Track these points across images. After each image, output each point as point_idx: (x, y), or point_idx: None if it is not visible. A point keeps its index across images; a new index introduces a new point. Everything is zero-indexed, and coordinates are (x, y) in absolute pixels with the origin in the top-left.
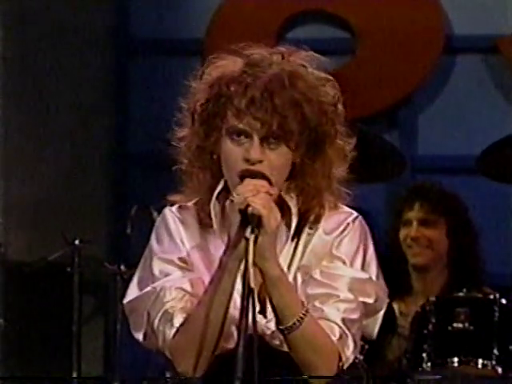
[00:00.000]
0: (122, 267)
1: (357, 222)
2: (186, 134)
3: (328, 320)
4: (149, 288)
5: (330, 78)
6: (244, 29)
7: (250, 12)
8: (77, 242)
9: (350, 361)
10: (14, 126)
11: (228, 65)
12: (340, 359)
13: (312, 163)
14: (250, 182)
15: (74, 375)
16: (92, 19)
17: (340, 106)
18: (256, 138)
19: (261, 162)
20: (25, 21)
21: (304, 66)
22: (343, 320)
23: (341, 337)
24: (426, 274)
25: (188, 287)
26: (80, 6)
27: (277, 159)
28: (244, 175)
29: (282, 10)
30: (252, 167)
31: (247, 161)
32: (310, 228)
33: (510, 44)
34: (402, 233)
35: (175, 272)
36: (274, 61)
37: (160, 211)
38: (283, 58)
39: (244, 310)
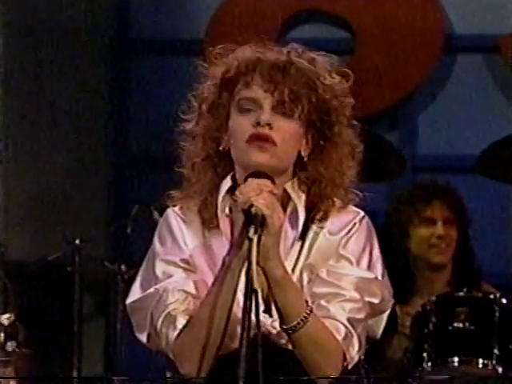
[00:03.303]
0: (123, 267)
1: (364, 221)
2: (191, 126)
3: (333, 319)
4: (152, 289)
5: (342, 69)
6: (244, 29)
7: (250, 12)
8: (77, 241)
9: (355, 361)
10: (14, 125)
11: (237, 52)
12: (345, 359)
13: (323, 153)
14: (253, 182)
15: (74, 375)
16: (92, 19)
17: (349, 98)
18: (266, 105)
19: (270, 126)
20: (25, 21)
21: (314, 59)
22: (349, 319)
23: (346, 336)
24: (437, 274)
25: (191, 289)
26: (80, 7)
27: (287, 127)
28: (252, 139)
29: (282, 10)
30: (261, 129)
31: (257, 124)
32: (317, 226)
33: (510, 44)
34: (424, 231)
35: (178, 273)
36: (283, 51)
37: (161, 211)
38: (289, 53)
39: (247, 310)
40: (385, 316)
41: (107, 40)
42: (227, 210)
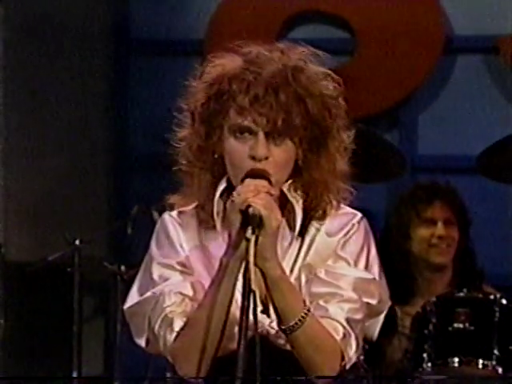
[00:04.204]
0: (123, 267)
1: (362, 223)
2: (186, 134)
3: (332, 319)
4: (149, 293)
5: (329, 72)
6: (244, 29)
7: (250, 12)
8: (77, 242)
9: (353, 361)
10: (13, 125)
11: (227, 63)
12: (343, 359)
13: (316, 158)
14: (250, 183)
15: (74, 375)
16: (92, 19)
17: (341, 100)
18: (261, 135)
19: (267, 158)
20: (25, 21)
21: (303, 60)
22: (347, 320)
23: (344, 336)
24: (437, 275)
25: (187, 291)
26: (80, 6)
27: (282, 155)
28: (249, 175)
29: (282, 11)
30: (258, 164)
31: (253, 158)
32: (317, 224)
33: (510, 44)
34: (424, 232)
35: (174, 276)
36: (274, 57)
37: (160, 211)
38: (283, 54)
39: (244, 310)
40: (381, 317)
41: (107, 40)
42: (221, 210)
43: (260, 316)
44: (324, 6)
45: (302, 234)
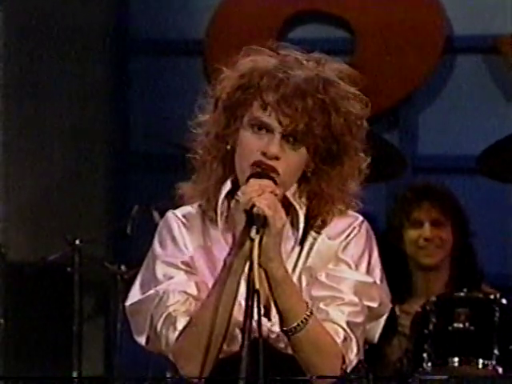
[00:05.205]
0: (123, 267)
1: (363, 226)
2: (206, 120)
3: (332, 322)
4: (152, 291)
5: (360, 93)
6: (244, 29)
7: (250, 12)
8: (77, 241)
9: (354, 364)
10: (13, 125)
11: (262, 58)
12: (343, 362)
13: (328, 171)
14: (255, 182)
15: (74, 375)
16: (92, 19)
17: (365, 122)
18: (278, 134)
19: (277, 158)
20: (24, 21)
21: (337, 76)
22: (348, 323)
23: (345, 339)
24: (432, 274)
25: (191, 290)
26: (80, 7)
27: (294, 160)
28: (256, 166)
29: (283, 10)
30: (268, 161)
31: (264, 154)
32: (316, 232)
33: (510, 44)
34: (412, 233)
35: (179, 275)
36: (310, 65)
37: (160, 211)
38: (318, 65)
39: (248, 310)
40: (382, 320)
41: (107, 40)
42: (225, 209)
43: (261, 319)
44: (324, 6)
45: (303, 239)
